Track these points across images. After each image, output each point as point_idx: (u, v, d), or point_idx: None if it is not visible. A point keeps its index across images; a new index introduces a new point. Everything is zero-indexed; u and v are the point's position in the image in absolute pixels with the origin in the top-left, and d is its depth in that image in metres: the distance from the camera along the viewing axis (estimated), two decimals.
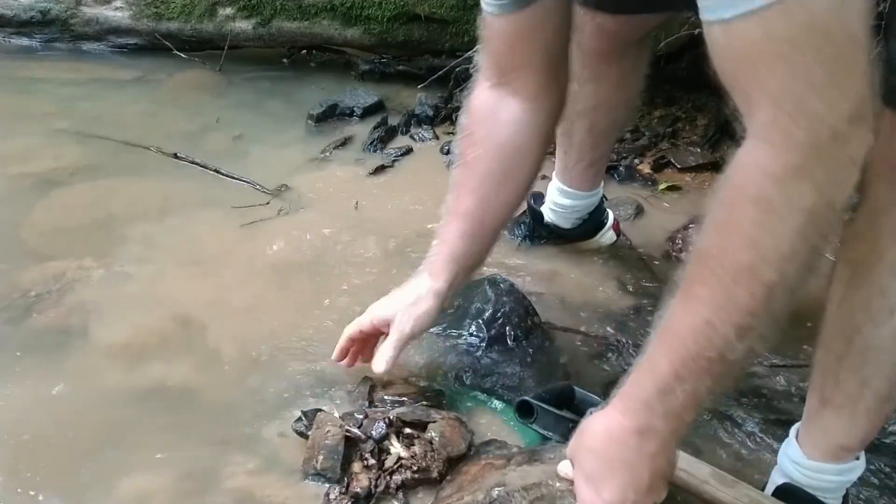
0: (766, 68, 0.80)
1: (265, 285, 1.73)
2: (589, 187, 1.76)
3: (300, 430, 1.32)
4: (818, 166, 0.80)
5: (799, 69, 0.78)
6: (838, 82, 0.79)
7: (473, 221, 1.30)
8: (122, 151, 2.27)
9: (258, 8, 2.81)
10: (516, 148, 1.28)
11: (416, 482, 1.23)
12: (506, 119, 1.27)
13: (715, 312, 0.87)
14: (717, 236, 0.87)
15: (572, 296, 1.72)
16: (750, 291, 0.84)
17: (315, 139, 2.43)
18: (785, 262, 0.83)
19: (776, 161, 0.81)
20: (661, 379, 0.91)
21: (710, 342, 0.87)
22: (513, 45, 1.21)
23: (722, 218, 0.87)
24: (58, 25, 2.96)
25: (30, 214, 1.96)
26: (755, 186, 0.82)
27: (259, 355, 1.52)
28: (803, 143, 0.79)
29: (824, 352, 1.10)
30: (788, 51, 0.78)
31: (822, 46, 0.77)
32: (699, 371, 0.89)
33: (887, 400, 1.08)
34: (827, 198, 0.82)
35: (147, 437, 1.34)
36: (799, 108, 0.79)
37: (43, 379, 1.44)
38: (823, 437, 1.14)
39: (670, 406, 0.91)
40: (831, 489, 1.16)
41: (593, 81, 1.59)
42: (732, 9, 0.79)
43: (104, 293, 1.69)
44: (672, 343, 0.91)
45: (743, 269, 0.84)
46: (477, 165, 1.29)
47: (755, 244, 0.83)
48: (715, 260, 0.87)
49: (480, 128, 1.29)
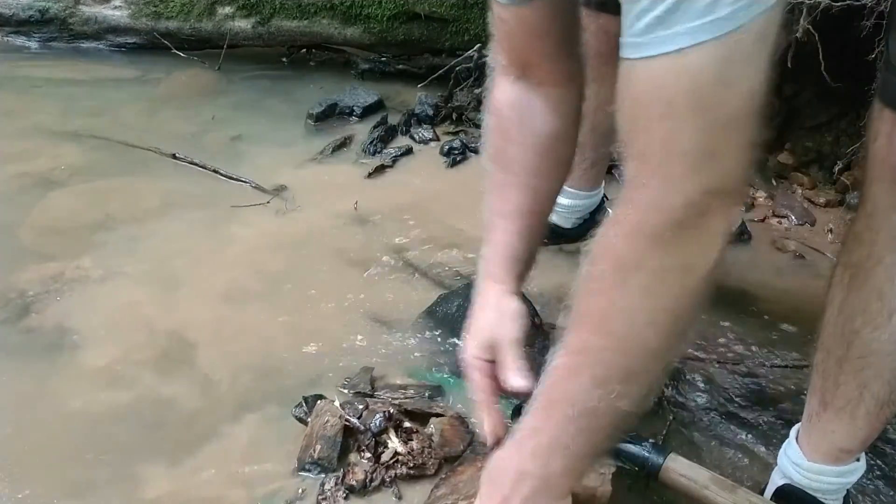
0: (642, 123, 0.80)
1: (264, 284, 1.73)
2: (590, 187, 1.76)
3: (300, 417, 1.33)
4: (676, 233, 0.81)
5: (669, 132, 0.78)
6: (706, 154, 0.78)
7: (528, 217, 1.25)
8: (121, 151, 2.27)
9: (257, 7, 2.80)
10: (556, 135, 1.25)
11: (411, 477, 1.24)
12: (539, 109, 1.23)
13: (574, 359, 0.89)
14: (583, 284, 0.90)
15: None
16: (601, 343, 0.87)
17: (314, 139, 2.42)
18: (632, 319, 0.85)
19: (630, 217, 0.83)
20: (532, 420, 0.93)
21: (570, 389, 0.89)
22: (531, 35, 1.17)
23: (587, 267, 0.89)
24: (56, 24, 2.96)
25: (28, 214, 1.96)
26: (614, 241, 0.85)
27: (257, 347, 1.52)
28: (657, 205, 0.80)
29: (824, 355, 1.10)
30: (667, 109, 0.78)
31: (697, 115, 0.77)
32: (562, 417, 0.90)
33: (887, 403, 1.08)
34: (680, 262, 0.83)
35: (142, 428, 1.35)
36: (659, 170, 0.80)
37: (39, 380, 1.44)
38: (823, 439, 1.13)
39: (538, 448, 0.92)
40: (831, 491, 1.16)
41: (596, 82, 1.57)
42: (638, 51, 0.80)
43: (103, 293, 1.69)
44: (545, 387, 0.93)
45: (597, 319, 0.87)
46: (519, 161, 1.24)
47: (609, 297, 0.86)
48: (578, 306, 0.90)
49: (514, 123, 1.24)
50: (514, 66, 1.23)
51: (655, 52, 0.77)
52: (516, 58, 1.22)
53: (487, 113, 1.29)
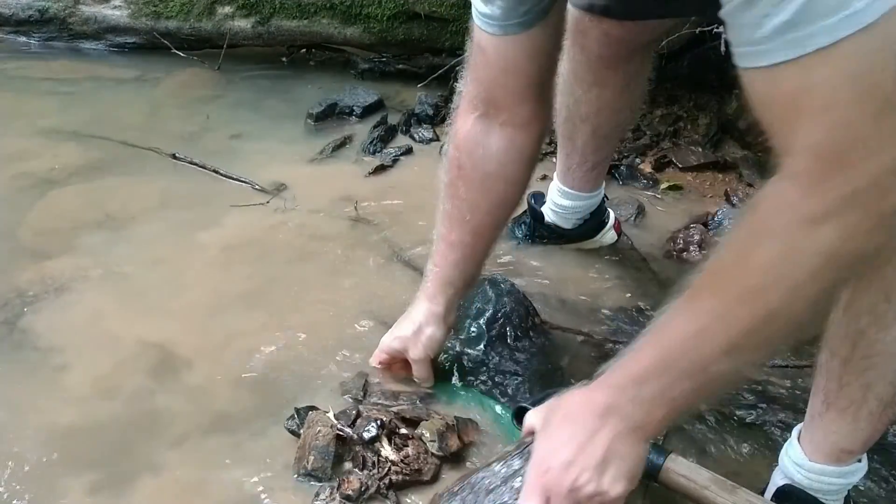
0: (806, 117, 0.80)
1: (262, 284, 1.72)
2: (590, 188, 1.76)
3: (292, 429, 1.32)
4: (850, 215, 0.81)
5: (840, 120, 0.78)
6: (881, 135, 0.78)
7: (466, 249, 1.36)
8: (121, 151, 2.27)
9: (257, 6, 2.80)
10: (506, 178, 1.32)
11: (407, 483, 1.24)
12: (495, 150, 1.29)
13: (711, 322, 0.90)
14: (733, 255, 0.90)
15: (573, 296, 1.71)
16: (751, 312, 0.87)
17: (314, 138, 2.42)
18: (793, 296, 0.85)
19: (806, 203, 0.82)
20: (639, 367, 0.95)
21: (697, 349, 0.91)
22: (506, 72, 1.22)
23: (741, 240, 0.89)
24: (56, 24, 2.96)
25: (28, 214, 1.96)
26: (780, 221, 0.84)
27: (253, 351, 1.51)
28: (838, 192, 0.80)
29: (828, 355, 1.10)
30: (830, 101, 0.78)
31: (866, 98, 0.77)
32: (678, 372, 0.92)
33: (890, 404, 1.08)
34: (853, 246, 0.83)
35: (137, 437, 1.33)
36: (838, 159, 0.79)
37: (37, 380, 1.44)
38: (826, 439, 1.13)
39: (641, 394, 0.95)
40: (832, 491, 1.16)
41: (598, 86, 1.58)
42: (772, 57, 0.79)
43: (102, 294, 1.68)
44: (661, 339, 0.94)
45: (750, 290, 0.87)
46: (465, 196, 1.33)
47: (768, 272, 0.85)
48: (725, 274, 0.90)
49: (469, 160, 1.32)
50: (480, 101, 1.29)
51: (794, 55, 0.77)
52: (485, 92, 1.27)
53: (448, 140, 1.37)
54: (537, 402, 1.25)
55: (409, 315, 1.40)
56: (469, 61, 1.26)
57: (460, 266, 1.37)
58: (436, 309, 1.37)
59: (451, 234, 1.35)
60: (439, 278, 1.37)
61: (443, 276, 1.37)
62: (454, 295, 1.39)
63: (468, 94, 1.30)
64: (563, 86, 1.61)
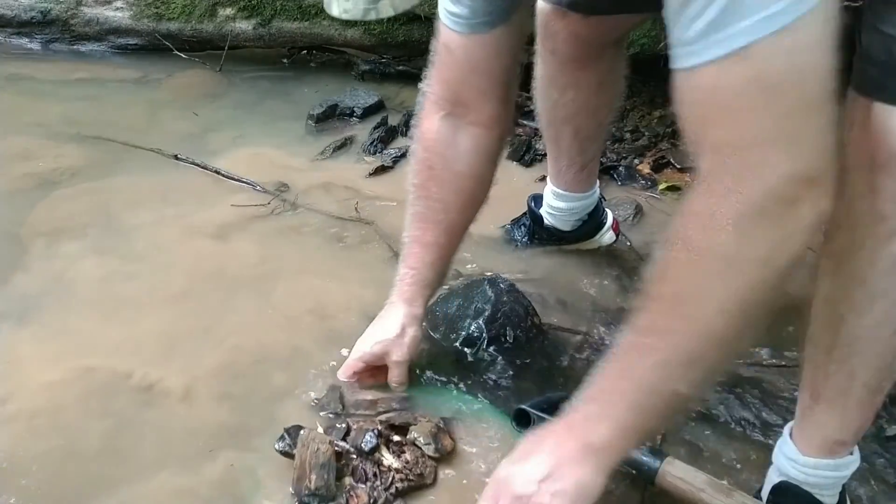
0: (713, 118, 0.80)
1: (264, 283, 1.73)
2: (583, 189, 1.77)
3: (284, 450, 1.26)
4: (756, 222, 0.81)
5: (743, 123, 0.78)
6: (786, 142, 0.78)
7: (442, 250, 1.38)
8: (123, 152, 2.28)
9: (258, 8, 2.81)
10: (475, 176, 1.35)
11: (412, 489, 1.23)
12: (464, 149, 1.32)
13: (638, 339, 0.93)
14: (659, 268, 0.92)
15: (572, 296, 1.72)
16: (669, 326, 0.89)
17: (315, 139, 2.43)
18: (704, 302, 0.87)
19: (712, 209, 0.83)
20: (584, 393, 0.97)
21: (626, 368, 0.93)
22: (473, 72, 1.24)
23: (663, 252, 0.91)
24: (58, 26, 2.96)
25: (30, 215, 1.96)
26: (688, 227, 0.86)
27: (252, 350, 1.52)
28: (741, 197, 0.80)
29: (813, 346, 1.10)
30: (737, 101, 0.78)
31: (771, 103, 0.77)
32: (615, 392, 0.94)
33: (877, 391, 1.08)
34: (764, 254, 0.83)
35: (123, 471, 1.27)
36: (741, 162, 0.80)
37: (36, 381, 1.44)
38: (817, 432, 1.14)
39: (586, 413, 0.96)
40: (828, 485, 1.16)
41: (572, 88, 1.60)
42: (696, 58, 0.80)
43: (103, 294, 1.69)
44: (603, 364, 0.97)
45: (665, 299, 0.90)
46: (439, 197, 1.36)
47: (679, 279, 0.88)
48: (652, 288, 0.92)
49: (438, 159, 1.34)
50: (446, 101, 1.31)
51: (713, 56, 0.78)
52: (452, 92, 1.29)
53: (415, 142, 1.39)
54: (536, 405, 1.27)
55: (384, 320, 1.40)
56: (434, 62, 1.29)
57: (436, 266, 1.39)
58: (416, 311, 1.39)
59: (426, 235, 1.37)
60: (417, 281, 1.39)
61: (420, 278, 1.39)
62: (430, 296, 1.42)
63: (433, 94, 1.32)
64: (541, 91, 1.64)
